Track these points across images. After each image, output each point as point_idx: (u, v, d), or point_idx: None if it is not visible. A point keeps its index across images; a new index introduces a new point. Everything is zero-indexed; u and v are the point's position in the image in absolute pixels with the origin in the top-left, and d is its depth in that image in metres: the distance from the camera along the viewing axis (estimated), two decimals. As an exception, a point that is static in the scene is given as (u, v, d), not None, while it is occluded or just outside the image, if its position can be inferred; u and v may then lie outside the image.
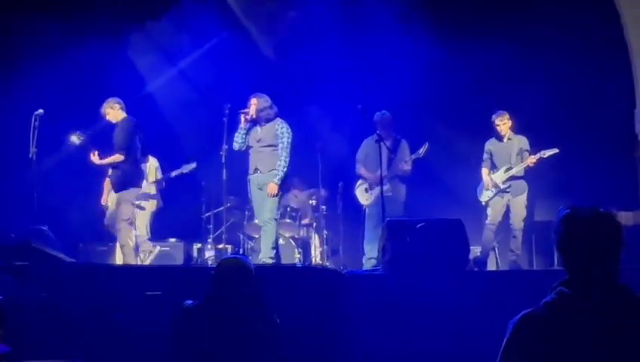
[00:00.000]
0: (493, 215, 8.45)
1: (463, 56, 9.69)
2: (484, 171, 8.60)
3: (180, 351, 3.81)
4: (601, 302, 2.23)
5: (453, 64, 9.81)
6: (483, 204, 8.60)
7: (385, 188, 8.07)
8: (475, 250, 8.85)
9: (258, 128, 7.81)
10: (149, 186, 8.99)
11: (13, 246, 5.96)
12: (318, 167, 9.44)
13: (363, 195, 8.79)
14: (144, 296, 5.47)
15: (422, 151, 8.50)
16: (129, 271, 6.89)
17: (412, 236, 5.98)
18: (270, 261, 7.45)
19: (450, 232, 6.11)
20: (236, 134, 7.83)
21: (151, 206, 9.03)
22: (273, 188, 7.58)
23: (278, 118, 7.85)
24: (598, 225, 2.32)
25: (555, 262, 8.79)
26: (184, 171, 9.08)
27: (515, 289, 5.63)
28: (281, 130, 7.74)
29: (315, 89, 10.18)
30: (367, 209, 8.76)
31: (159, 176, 9.18)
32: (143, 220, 8.88)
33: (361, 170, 8.82)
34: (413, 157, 8.53)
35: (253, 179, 7.77)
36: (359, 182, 8.90)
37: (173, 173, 9.19)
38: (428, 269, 5.74)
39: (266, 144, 7.72)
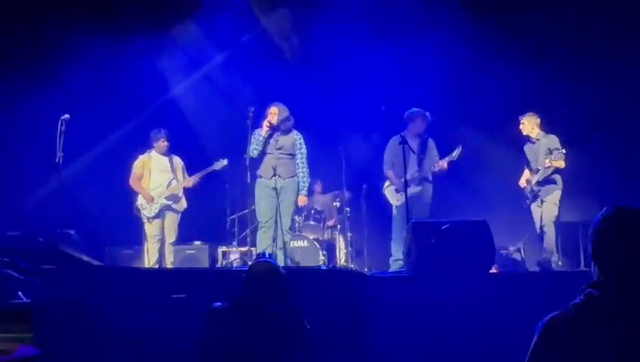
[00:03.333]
0: (536, 223, 8.41)
1: (491, 57, 9.61)
2: (525, 174, 8.58)
3: (207, 352, 3.83)
4: (633, 304, 2.21)
5: (480, 65, 9.74)
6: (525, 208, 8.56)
7: (417, 189, 8.21)
8: (502, 252, 8.81)
9: (278, 136, 8.14)
10: (179, 186, 8.81)
11: (41, 250, 6.02)
12: (341, 168, 9.45)
13: (393, 196, 8.67)
14: (170, 298, 5.50)
15: (455, 154, 8.40)
16: (155, 274, 6.94)
17: (437, 237, 5.96)
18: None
19: (475, 234, 6.07)
20: (255, 142, 8.10)
21: (180, 207, 8.83)
22: (304, 200, 8.30)
23: (294, 130, 8.29)
24: None
25: (582, 264, 8.73)
26: (216, 168, 8.83)
27: (540, 291, 5.59)
28: (299, 142, 8.25)
29: (338, 91, 10.18)
30: (395, 209, 8.70)
31: (186, 176, 8.95)
32: (173, 222, 8.79)
33: (389, 172, 8.75)
34: (447, 159, 8.44)
35: (270, 182, 8.03)
36: (388, 182, 8.81)
37: (205, 172, 8.90)
38: (453, 271, 5.70)
39: (287, 152, 8.16)
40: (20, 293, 4.93)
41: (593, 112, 9.53)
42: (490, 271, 6.25)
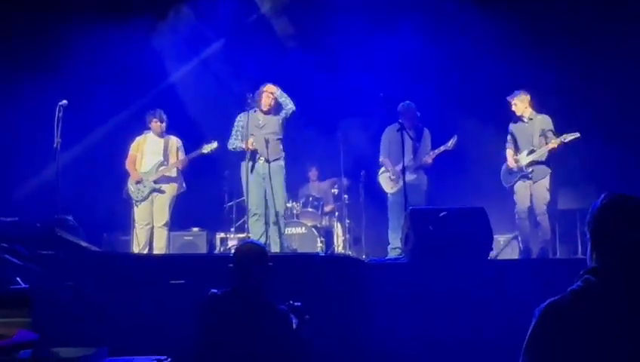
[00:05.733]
0: (520, 201, 8.25)
1: (491, 46, 9.58)
2: (509, 153, 8.42)
3: (205, 338, 3.85)
4: (631, 290, 2.21)
5: (479, 53, 9.70)
6: (507, 188, 8.46)
7: (412, 177, 8.18)
8: (500, 239, 8.81)
9: (261, 115, 8.12)
10: (169, 168, 8.55)
11: (39, 235, 6.02)
12: (340, 155, 9.45)
13: (388, 183, 8.71)
14: (168, 284, 5.51)
15: (451, 143, 8.40)
16: (153, 260, 6.94)
17: (435, 225, 5.97)
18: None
19: (473, 221, 6.08)
20: (234, 143, 8.19)
21: (171, 189, 8.57)
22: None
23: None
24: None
25: (579, 251, 8.74)
26: (204, 151, 8.53)
27: (538, 278, 5.61)
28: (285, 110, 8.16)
29: (337, 77, 10.16)
30: (390, 197, 8.70)
31: (181, 156, 8.68)
32: (162, 204, 8.51)
33: (384, 160, 8.75)
34: (442, 148, 8.43)
35: (257, 168, 8.02)
36: (382, 169, 8.83)
37: (193, 155, 8.62)
38: (451, 258, 5.72)
39: (270, 131, 8.06)
40: (18, 279, 4.94)
41: (593, 100, 9.51)
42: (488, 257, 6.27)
